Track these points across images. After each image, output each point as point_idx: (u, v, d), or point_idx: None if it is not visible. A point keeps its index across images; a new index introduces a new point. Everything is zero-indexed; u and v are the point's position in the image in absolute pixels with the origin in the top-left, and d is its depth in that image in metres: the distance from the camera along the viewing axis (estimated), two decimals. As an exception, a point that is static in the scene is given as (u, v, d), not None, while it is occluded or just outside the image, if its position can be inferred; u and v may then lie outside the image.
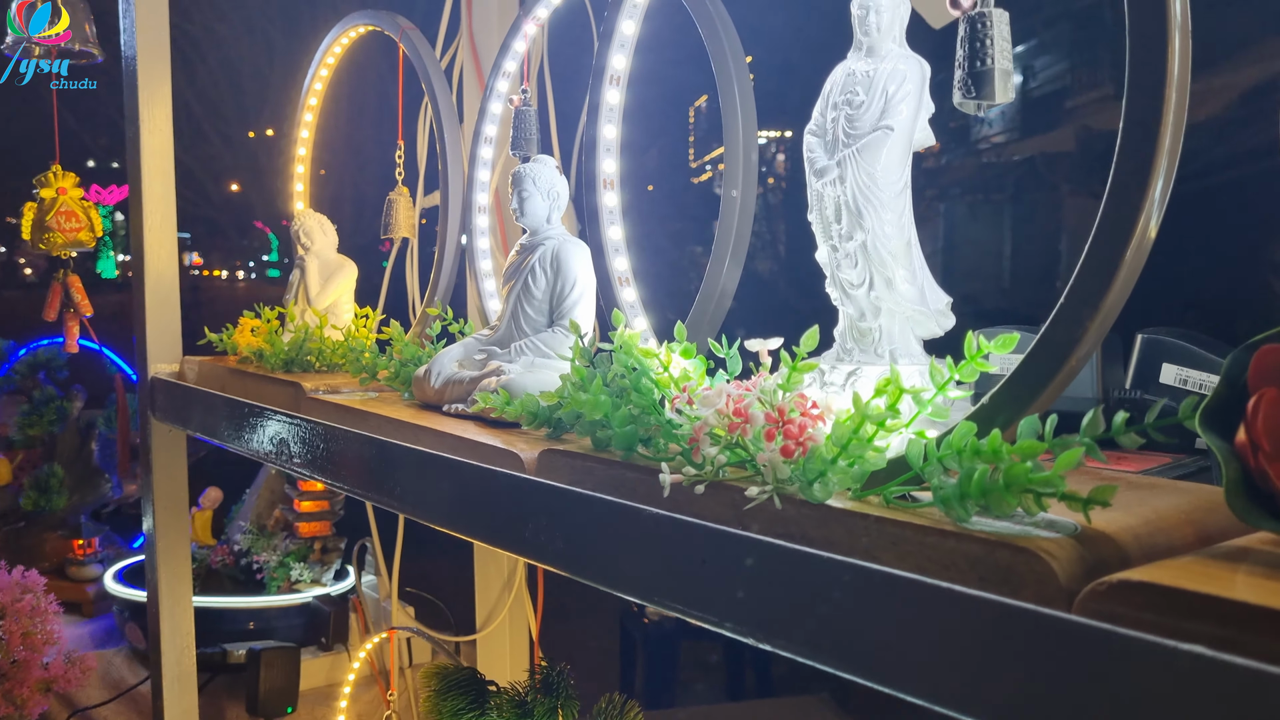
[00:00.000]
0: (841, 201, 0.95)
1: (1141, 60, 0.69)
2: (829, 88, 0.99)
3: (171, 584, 2.03)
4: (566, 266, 1.39)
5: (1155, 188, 0.70)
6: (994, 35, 0.78)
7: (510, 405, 1.21)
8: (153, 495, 2.00)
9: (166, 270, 2.01)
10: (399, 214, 1.81)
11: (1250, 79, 1.53)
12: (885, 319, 0.96)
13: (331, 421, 1.45)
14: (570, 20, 1.81)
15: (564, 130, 2.33)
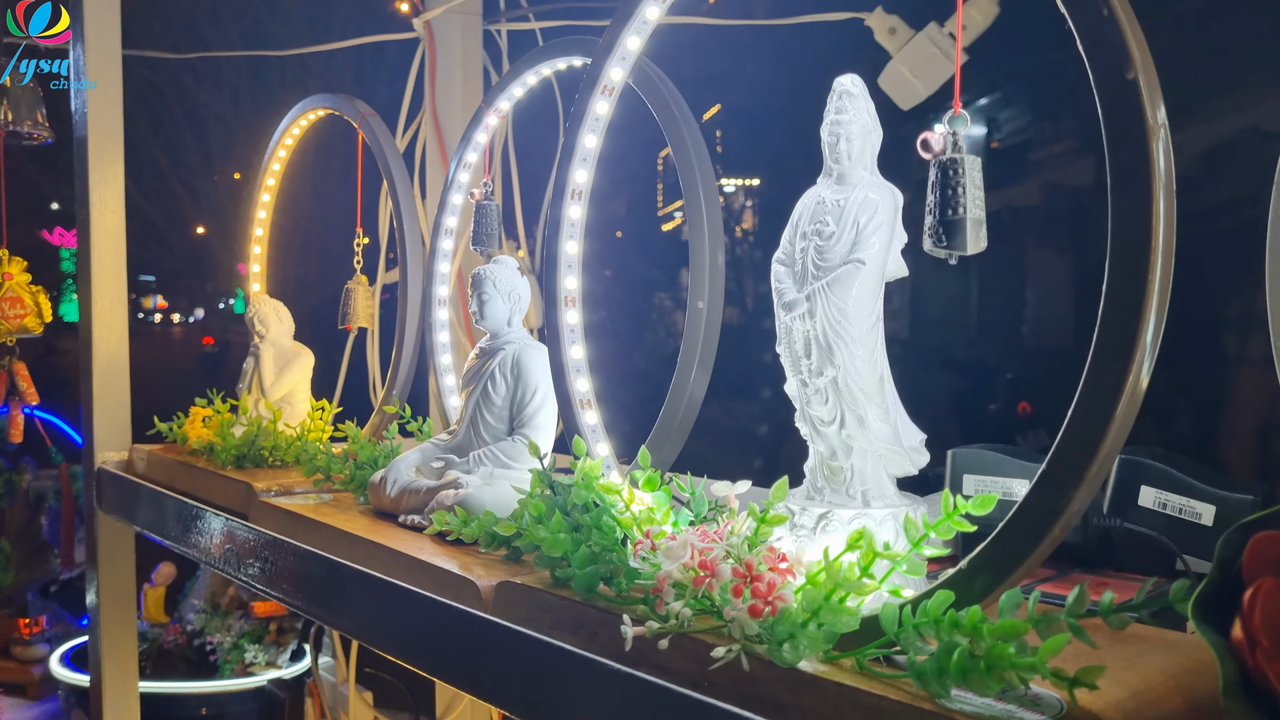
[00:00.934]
0: (811, 336, 0.91)
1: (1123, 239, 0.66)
2: (798, 215, 0.95)
3: (117, 681, 1.95)
4: (527, 373, 1.34)
5: (1140, 367, 0.67)
6: (965, 183, 0.75)
7: (468, 527, 1.16)
8: (98, 589, 1.93)
9: (116, 355, 1.95)
10: (357, 303, 1.77)
11: (1212, 134, 1.52)
12: (857, 458, 0.92)
13: (283, 532, 1.39)
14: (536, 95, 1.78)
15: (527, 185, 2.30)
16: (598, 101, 1.08)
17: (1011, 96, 3.38)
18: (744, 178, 2.53)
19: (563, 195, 1.11)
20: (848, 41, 2.02)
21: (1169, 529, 1.11)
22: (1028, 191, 4.65)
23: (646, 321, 3.02)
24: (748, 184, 2.61)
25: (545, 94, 1.87)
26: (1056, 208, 4.39)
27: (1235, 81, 1.49)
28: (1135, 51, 0.67)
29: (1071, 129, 3.63)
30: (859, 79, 0.92)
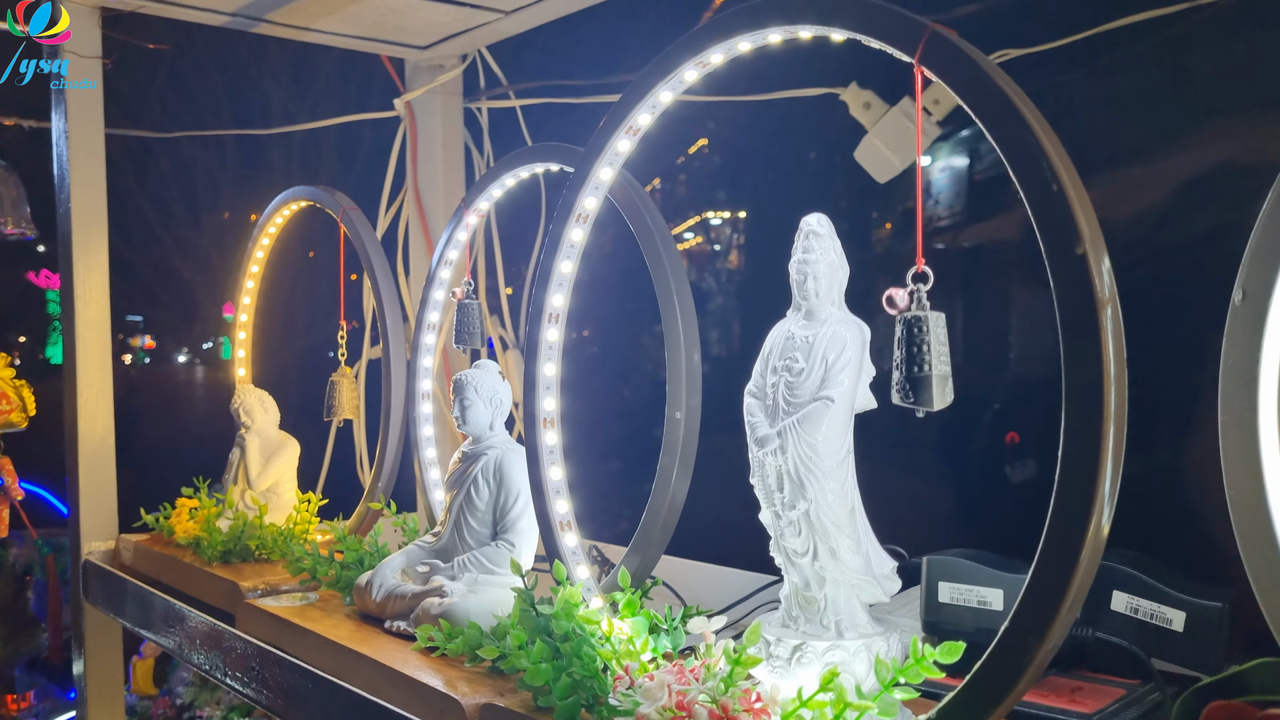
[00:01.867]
0: (784, 471, 0.93)
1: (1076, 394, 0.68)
2: (768, 349, 0.97)
3: (105, 772, 1.95)
4: (509, 478, 1.36)
5: (1101, 510, 0.69)
6: (930, 340, 0.77)
7: (452, 643, 1.17)
8: (85, 681, 1.93)
9: (102, 444, 1.96)
10: (342, 395, 1.78)
11: (1188, 167, 1.53)
12: (830, 588, 0.94)
13: (269, 637, 1.40)
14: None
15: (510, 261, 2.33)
16: (572, 229, 1.11)
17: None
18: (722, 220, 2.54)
19: (539, 317, 1.13)
20: (824, 116, 2.05)
21: (1140, 634, 1.13)
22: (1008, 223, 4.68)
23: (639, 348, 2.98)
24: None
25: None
26: (1036, 240, 4.46)
27: (1213, 112, 1.50)
28: (1084, 227, 0.69)
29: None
30: (825, 218, 0.95)
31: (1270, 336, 0.75)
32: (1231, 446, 0.77)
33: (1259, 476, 0.75)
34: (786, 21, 0.89)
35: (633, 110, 1.04)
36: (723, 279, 2.61)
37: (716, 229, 2.52)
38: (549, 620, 1.03)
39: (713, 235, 2.51)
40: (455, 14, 2.04)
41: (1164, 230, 1.55)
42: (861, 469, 0.95)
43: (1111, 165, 1.66)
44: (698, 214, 2.55)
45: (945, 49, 0.77)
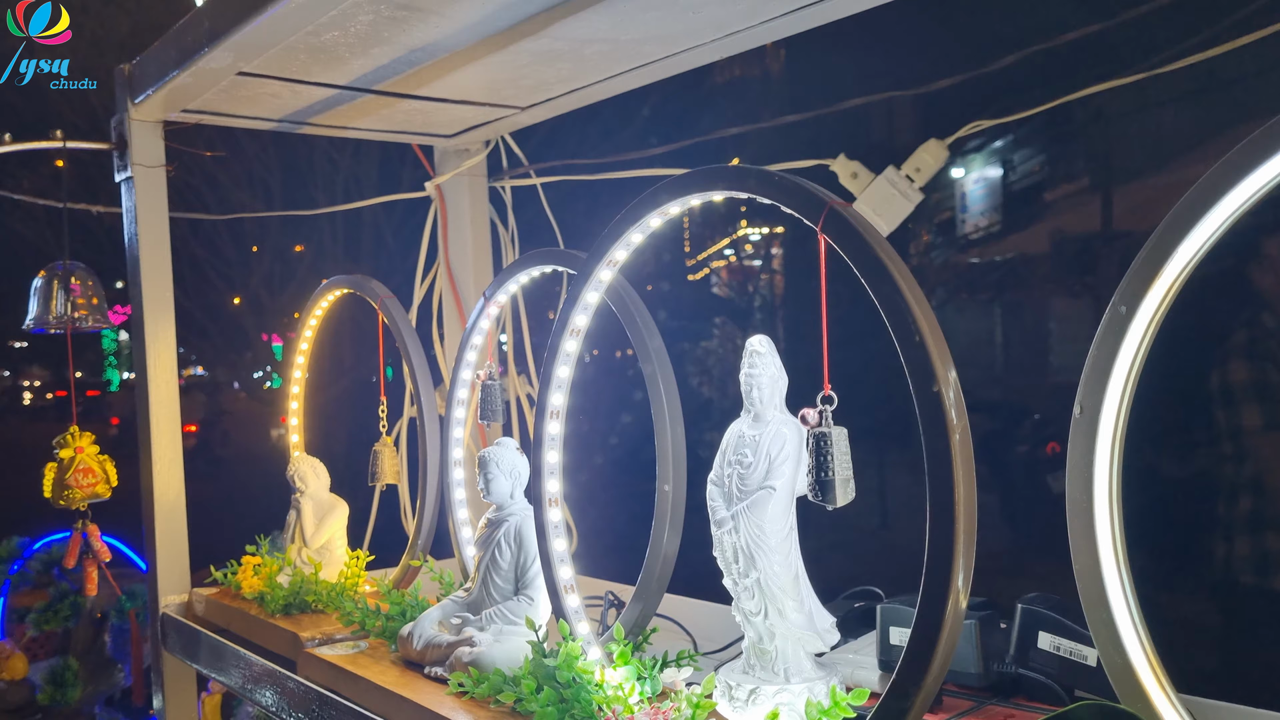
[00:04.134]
0: (738, 547, 1.14)
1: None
2: (725, 444, 1.19)
3: (184, 801, 2.19)
4: (528, 541, 1.58)
5: (958, 590, 0.90)
6: (834, 452, 0.98)
7: (479, 687, 1.39)
8: (165, 716, 2.17)
9: (175, 506, 2.20)
10: (384, 463, 2.01)
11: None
12: (780, 641, 1.15)
13: (326, 683, 1.63)
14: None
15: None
16: (568, 341, 1.33)
17: (1022, 139, 3.56)
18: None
19: (543, 414, 1.36)
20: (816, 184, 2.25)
21: (1061, 669, 1.32)
22: (1038, 236, 4.83)
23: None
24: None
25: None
26: (1065, 252, 4.52)
27: (1241, 116, 1.60)
28: (939, 369, 0.90)
29: (1085, 168, 3.79)
30: (767, 339, 1.16)
31: (1101, 443, 0.95)
32: (1076, 528, 0.97)
33: (1095, 551, 0.95)
34: (730, 189, 1.11)
35: (611, 248, 1.26)
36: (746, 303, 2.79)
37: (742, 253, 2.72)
38: (555, 670, 1.24)
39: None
40: (476, 111, 2.28)
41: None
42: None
43: (1142, 174, 1.79)
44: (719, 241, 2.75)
45: (840, 223, 0.98)
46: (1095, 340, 0.96)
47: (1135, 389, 0.95)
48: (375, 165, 6.41)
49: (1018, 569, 3.11)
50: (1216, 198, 0.89)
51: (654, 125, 2.31)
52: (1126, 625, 0.94)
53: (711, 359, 6.60)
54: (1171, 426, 1.21)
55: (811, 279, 1.53)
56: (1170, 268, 0.92)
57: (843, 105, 2.26)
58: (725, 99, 2.75)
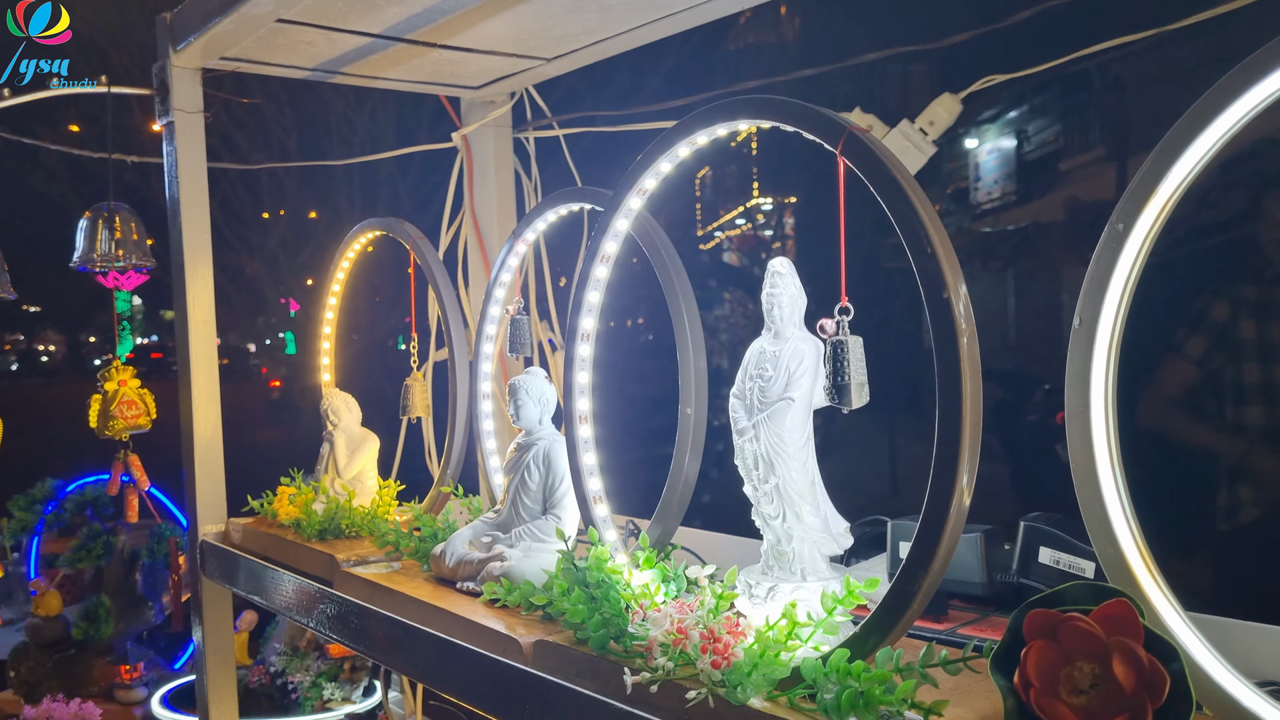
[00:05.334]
0: (758, 454, 1.22)
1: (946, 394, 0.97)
2: (747, 360, 1.27)
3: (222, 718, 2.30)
4: (556, 464, 1.66)
5: (963, 486, 0.98)
6: (850, 358, 1.06)
7: (510, 595, 1.48)
8: (205, 647, 2.27)
9: (212, 442, 2.29)
10: (414, 397, 2.10)
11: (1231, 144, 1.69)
12: (797, 543, 1.23)
13: (362, 598, 1.72)
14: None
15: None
16: (598, 268, 1.41)
17: (1039, 107, 3.59)
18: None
19: (574, 336, 1.44)
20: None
21: (1060, 581, 1.40)
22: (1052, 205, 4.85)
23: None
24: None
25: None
26: (1080, 220, 4.54)
27: None
28: (948, 277, 0.98)
29: (1100, 137, 3.79)
30: (787, 261, 1.24)
31: (1098, 353, 1.03)
32: (1074, 430, 1.05)
33: (1090, 454, 1.03)
34: (753, 117, 1.18)
35: (641, 176, 1.34)
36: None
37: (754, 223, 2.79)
38: (585, 572, 1.33)
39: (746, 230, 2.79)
40: (504, 62, 2.34)
41: (1206, 207, 1.71)
42: (850, 450, 1.24)
43: (1157, 141, 1.84)
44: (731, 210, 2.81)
45: (858, 146, 1.06)
46: (1094, 256, 1.04)
47: (1130, 302, 1.02)
48: (392, 125, 6.45)
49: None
50: (1208, 120, 0.96)
51: (671, 83, 2.37)
52: (1119, 519, 1.01)
53: (722, 326, 6.66)
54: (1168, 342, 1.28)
55: (824, 248, 1.57)
56: (1164, 187, 0.99)
57: (858, 59, 2.32)
58: (743, 55, 2.79)
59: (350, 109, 6.78)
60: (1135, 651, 0.88)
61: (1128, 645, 0.88)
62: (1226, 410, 1.42)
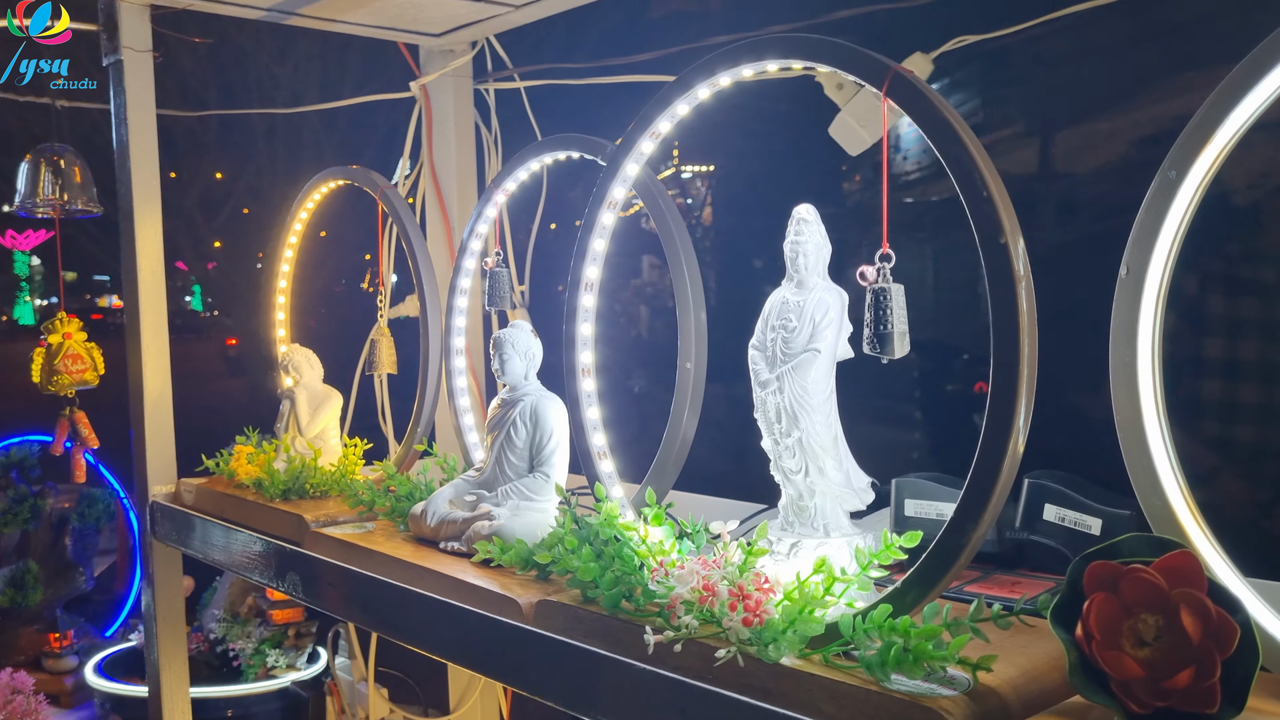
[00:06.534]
0: (781, 407, 1.19)
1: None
2: (767, 310, 1.23)
3: (172, 685, 2.21)
4: (544, 420, 1.61)
5: (1018, 434, 0.95)
6: (893, 305, 1.03)
7: (506, 554, 1.43)
8: (155, 610, 2.18)
9: (161, 398, 2.19)
10: (381, 353, 2.02)
11: (1150, 121, 1.70)
12: (819, 499, 1.20)
13: (338, 559, 1.65)
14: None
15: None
16: (604, 214, 1.36)
17: (960, 81, 3.58)
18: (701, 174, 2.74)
19: (578, 286, 1.38)
20: (801, 94, 2.28)
21: (1067, 538, 1.40)
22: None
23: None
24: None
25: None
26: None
27: (1179, 65, 1.65)
28: (1006, 223, 0.95)
29: (1019, 113, 3.81)
30: (813, 208, 1.20)
31: (1145, 304, 1.01)
32: (1119, 384, 1.03)
33: (1137, 407, 1.01)
34: (784, 57, 1.13)
35: (657, 118, 1.28)
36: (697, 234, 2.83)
37: (693, 190, 2.75)
38: (593, 530, 1.28)
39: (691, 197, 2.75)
40: (470, 8, 2.26)
41: (1130, 184, 1.73)
42: (845, 410, 1.20)
43: (1078, 119, 1.83)
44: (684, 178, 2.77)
45: (905, 86, 1.02)
46: (1144, 205, 1.01)
47: (1179, 252, 1.00)
48: (355, 67, 6.22)
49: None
50: (1268, 67, 0.94)
51: (637, 35, 2.32)
52: (1165, 470, 1.00)
53: (640, 297, 6.62)
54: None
55: (744, 219, 1.51)
56: (1220, 134, 0.97)
57: (829, 17, 2.28)
58: (711, 10, 2.73)
59: (276, 61, 6.55)
60: (1203, 602, 0.86)
61: (1194, 596, 0.87)
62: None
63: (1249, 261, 1.42)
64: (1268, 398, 1.35)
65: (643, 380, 2.42)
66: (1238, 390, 1.38)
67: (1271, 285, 1.38)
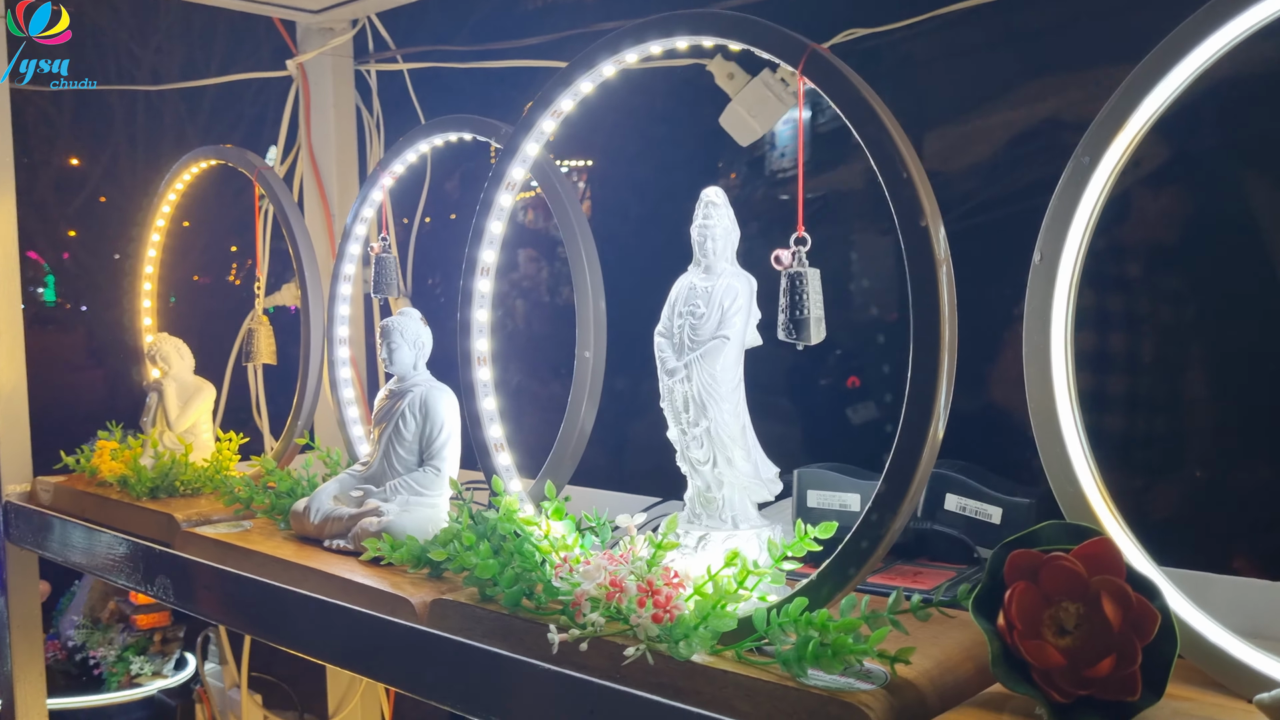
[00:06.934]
0: (689, 395, 1.15)
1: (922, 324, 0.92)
2: (674, 296, 1.19)
3: (28, 698, 2.07)
4: (434, 412, 1.54)
5: (938, 419, 0.93)
6: (809, 290, 1.00)
7: (396, 551, 1.36)
8: (8, 618, 2.03)
9: (15, 391, 2.04)
10: (260, 342, 1.92)
11: (1017, 121, 1.71)
12: (727, 490, 1.16)
13: (212, 560, 1.56)
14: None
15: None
16: (502, 195, 1.30)
17: None
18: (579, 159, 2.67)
19: (474, 270, 1.32)
20: (691, 84, 2.25)
21: (968, 528, 1.39)
22: (850, 174, 4.94)
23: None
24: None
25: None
26: (877, 189, 4.70)
27: (1040, 70, 1.68)
28: (926, 205, 0.93)
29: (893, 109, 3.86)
30: (721, 191, 1.16)
31: (1059, 290, 1.00)
32: (1032, 372, 1.02)
33: (1050, 393, 1.00)
34: (694, 33, 1.10)
35: (559, 96, 1.23)
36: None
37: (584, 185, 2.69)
38: (491, 525, 1.23)
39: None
40: (351, -17, 2.17)
41: (994, 182, 1.75)
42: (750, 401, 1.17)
43: (948, 119, 1.84)
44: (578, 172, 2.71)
45: (822, 64, 0.99)
46: (1057, 190, 1.01)
47: (1092, 237, 1.00)
48: (226, 43, 5.96)
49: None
50: (1183, 52, 0.94)
51: (524, 20, 2.26)
52: (1078, 456, 0.99)
53: (524, 287, 6.55)
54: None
55: (620, 213, 1.47)
56: (1134, 120, 0.97)
57: (721, 3, 2.26)
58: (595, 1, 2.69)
59: (135, 38, 6.24)
60: (1123, 589, 0.85)
61: (1114, 583, 0.86)
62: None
63: (1116, 255, 1.43)
64: (1135, 389, 1.37)
65: (526, 376, 2.36)
66: (1106, 383, 1.40)
67: (1136, 279, 1.40)
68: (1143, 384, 1.40)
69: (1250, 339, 1.35)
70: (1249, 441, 1.37)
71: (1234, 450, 1.36)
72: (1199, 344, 1.38)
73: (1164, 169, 1.32)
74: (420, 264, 2.51)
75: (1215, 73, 0.95)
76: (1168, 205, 1.35)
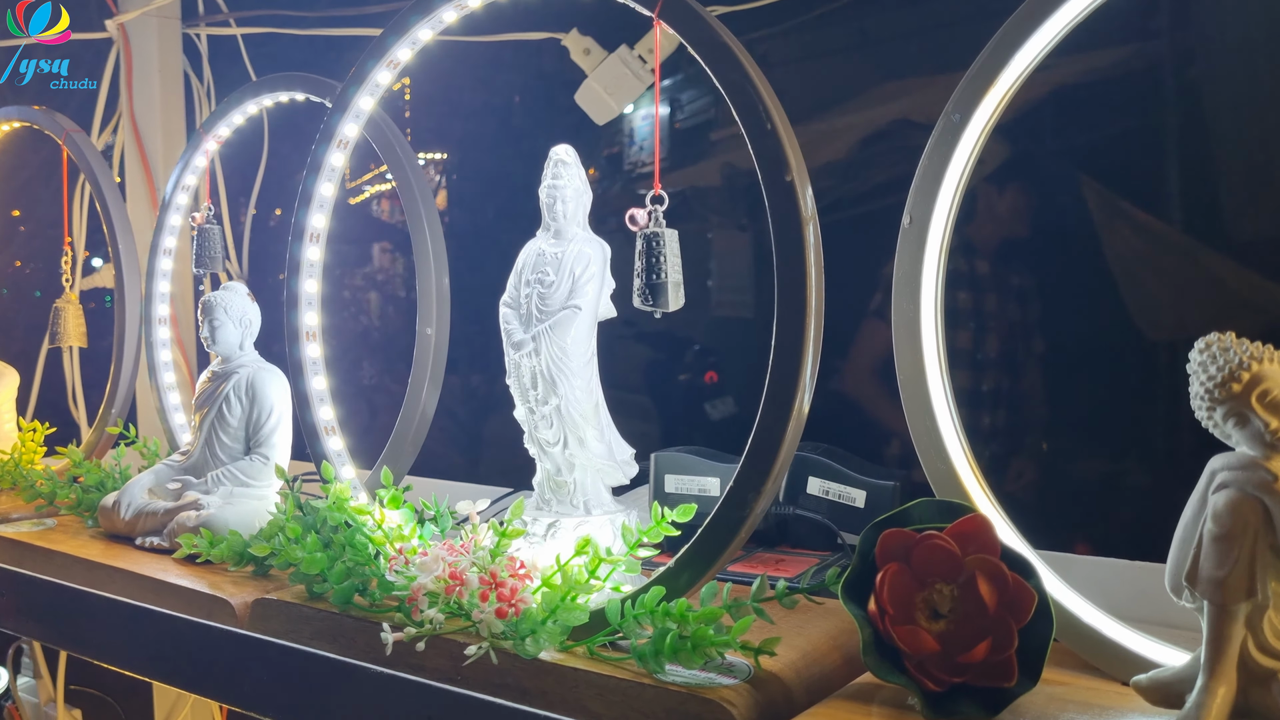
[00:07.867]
0: (537, 371, 1.06)
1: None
2: (520, 264, 1.09)
3: None
4: (262, 394, 1.41)
5: (804, 391, 0.86)
6: (666, 253, 0.92)
7: (216, 548, 1.23)
8: None
9: None
10: (68, 322, 1.75)
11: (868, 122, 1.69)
12: (579, 473, 1.08)
13: (9, 563, 1.40)
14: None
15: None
16: (333, 154, 1.18)
17: (694, 78, 3.61)
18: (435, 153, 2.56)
19: (301, 238, 1.20)
20: (546, 60, 2.15)
21: (831, 512, 1.34)
22: (708, 171, 4.96)
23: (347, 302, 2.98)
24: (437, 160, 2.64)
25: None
26: (735, 186, 4.69)
27: (890, 73, 1.67)
28: (791, 158, 0.85)
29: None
30: (572, 149, 1.07)
31: (929, 253, 0.94)
32: (901, 340, 0.96)
33: (920, 361, 0.95)
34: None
35: (394, 45, 1.12)
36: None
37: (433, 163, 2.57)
38: (319, 516, 1.11)
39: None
40: (177, -63, 2.01)
41: (848, 180, 1.74)
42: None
43: (801, 119, 1.84)
44: (423, 146, 2.58)
45: (680, 8, 0.91)
46: (926, 151, 0.95)
47: (963, 200, 0.95)
48: None
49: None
50: (1049, 11, 0.89)
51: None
52: (949, 432, 0.94)
53: (378, 279, 6.36)
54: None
55: (480, 208, 1.39)
56: (1004, 76, 0.92)
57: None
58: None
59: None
60: (998, 567, 0.80)
61: (990, 561, 0.80)
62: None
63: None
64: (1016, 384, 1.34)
65: (379, 372, 2.23)
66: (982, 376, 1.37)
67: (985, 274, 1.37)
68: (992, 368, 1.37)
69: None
70: (1097, 426, 1.35)
71: (1084, 431, 1.34)
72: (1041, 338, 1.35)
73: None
74: (257, 243, 2.35)
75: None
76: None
